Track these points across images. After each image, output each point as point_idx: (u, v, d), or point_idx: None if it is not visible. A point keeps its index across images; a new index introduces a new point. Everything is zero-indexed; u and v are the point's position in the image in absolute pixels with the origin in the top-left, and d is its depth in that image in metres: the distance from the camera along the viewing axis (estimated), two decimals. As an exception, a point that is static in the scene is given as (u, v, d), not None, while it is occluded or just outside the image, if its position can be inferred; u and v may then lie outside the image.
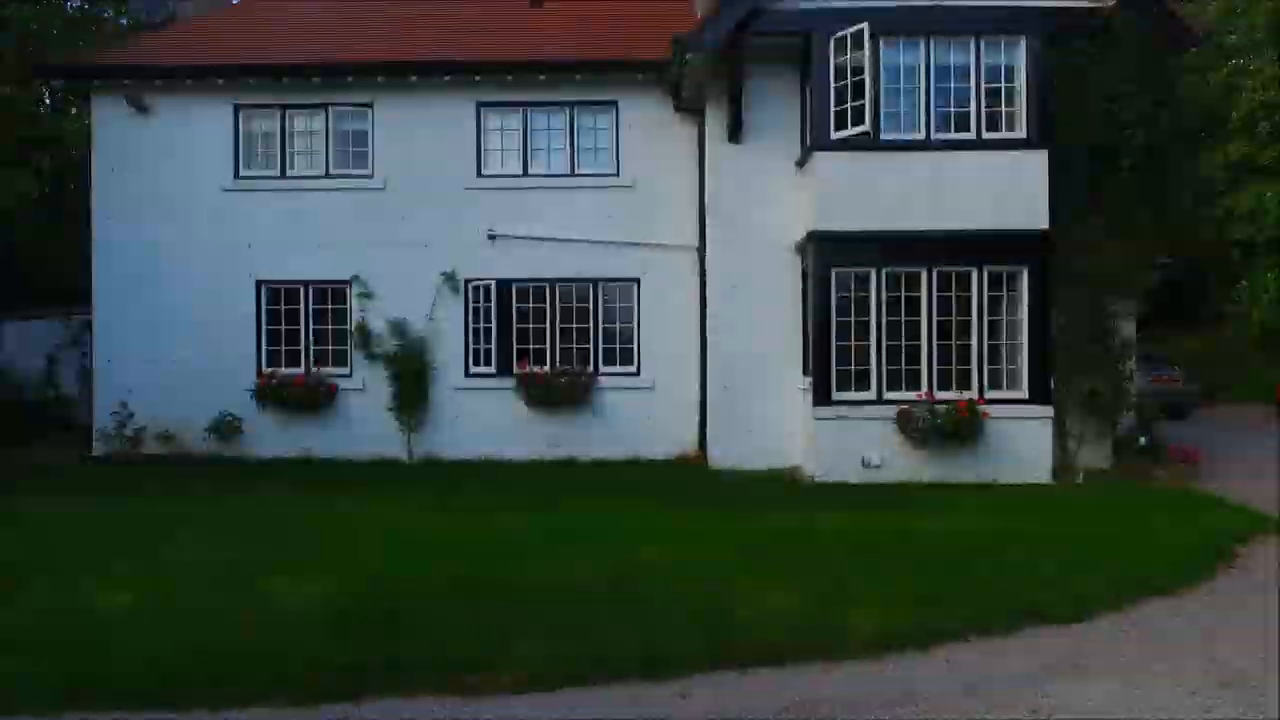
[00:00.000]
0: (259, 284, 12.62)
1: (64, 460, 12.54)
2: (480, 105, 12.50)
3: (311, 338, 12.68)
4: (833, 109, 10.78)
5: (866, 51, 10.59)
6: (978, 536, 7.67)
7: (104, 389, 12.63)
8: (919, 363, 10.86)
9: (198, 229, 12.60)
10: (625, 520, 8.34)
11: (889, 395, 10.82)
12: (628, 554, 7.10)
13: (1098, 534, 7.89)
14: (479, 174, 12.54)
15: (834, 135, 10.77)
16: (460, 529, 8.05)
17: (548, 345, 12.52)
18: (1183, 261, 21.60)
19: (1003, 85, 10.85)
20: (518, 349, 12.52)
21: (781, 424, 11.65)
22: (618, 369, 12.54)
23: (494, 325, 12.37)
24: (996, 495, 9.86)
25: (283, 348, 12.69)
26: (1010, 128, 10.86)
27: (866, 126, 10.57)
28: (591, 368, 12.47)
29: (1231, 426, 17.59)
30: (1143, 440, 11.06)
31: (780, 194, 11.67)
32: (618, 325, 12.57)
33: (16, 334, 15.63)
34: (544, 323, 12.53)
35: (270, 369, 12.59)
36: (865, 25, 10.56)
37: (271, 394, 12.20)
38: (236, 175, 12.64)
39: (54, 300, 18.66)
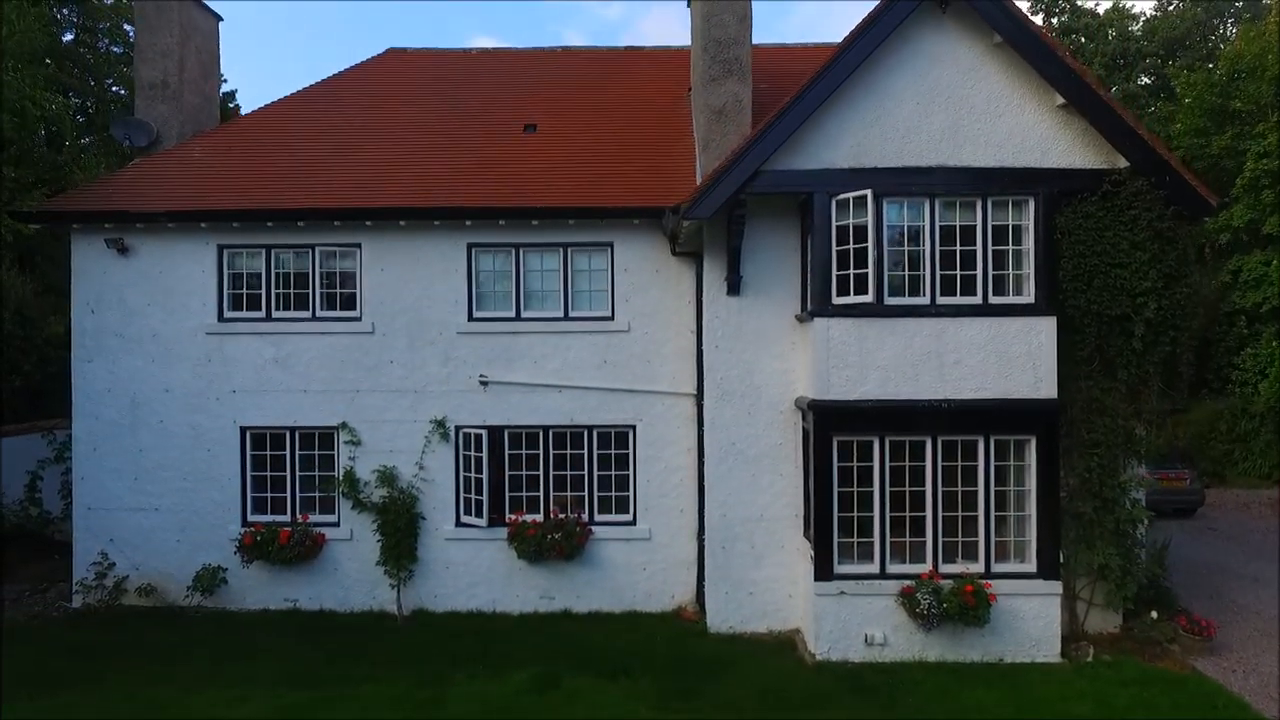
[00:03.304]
0: (243, 430, 12.25)
1: (39, 610, 12.19)
2: (472, 246, 12.15)
3: (298, 485, 12.31)
4: (835, 273, 10.45)
5: (869, 214, 10.27)
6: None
7: (84, 538, 12.26)
8: (924, 534, 10.51)
9: (181, 372, 12.24)
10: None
11: (892, 569, 10.48)
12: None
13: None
14: (470, 317, 12.18)
15: (836, 300, 10.44)
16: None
17: (541, 493, 12.17)
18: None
19: (1010, 248, 10.51)
20: (510, 497, 12.17)
21: (783, 585, 11.32)
22: (613, 517, 12.19)
23: (485, 474, 12.00)
24: (1000, 690, 9.50)
25: (268, 495, 12.32)
26: (1018, 291, 10.51)
27: (870, 297, 10.25)
28: (586, 516, 12.12)
29: (1240, 533, 17.24)
30: (1154, 614, 10.72)
31: (781, 349, 11.33)
32: (613, 473, 12.21)
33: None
34: (537, 470, 12.18)
35: (255, 517, 12.23)
36: (869, 191, 10.24)
37: (256, 550, 11.82)
38: (220, 317, 12.28)
39: (33, 412, 18.42)
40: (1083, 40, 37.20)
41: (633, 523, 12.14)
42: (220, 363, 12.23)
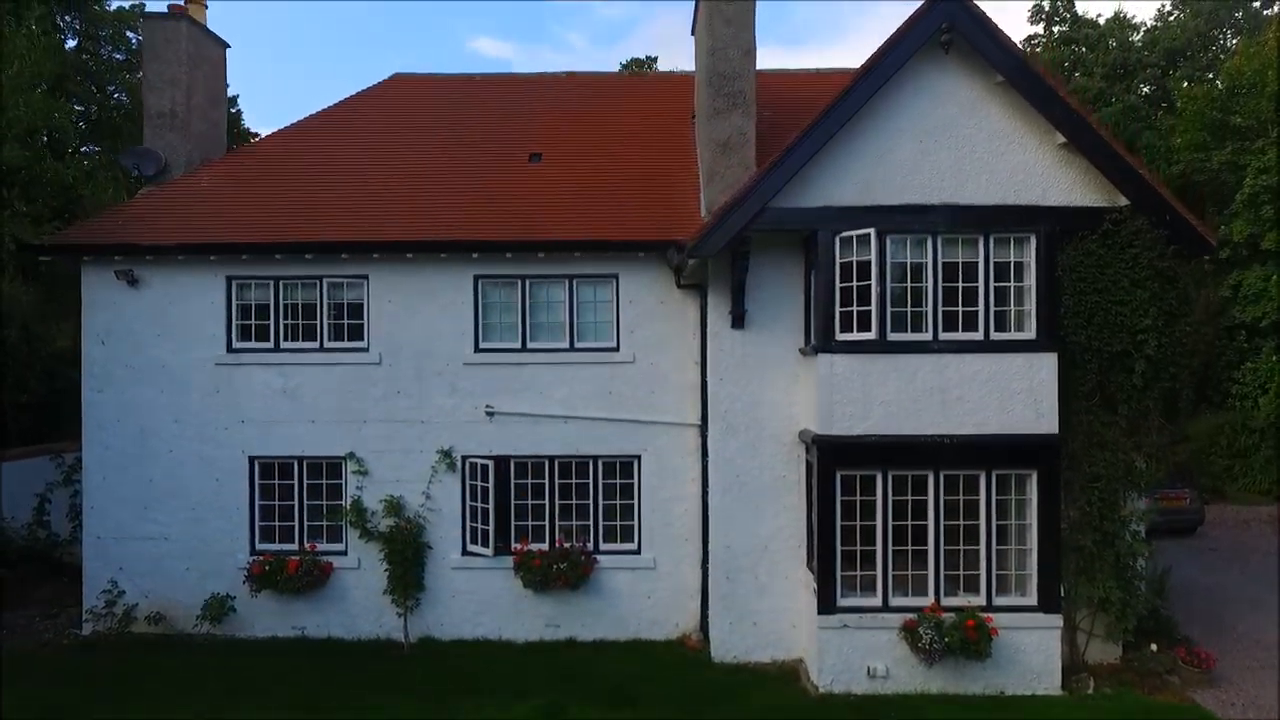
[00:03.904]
0: (252, 460, 12.36)
1: (50, 637, 12.32)
2: (478, 278, 12.27)
3: (305, 514, 12.43)
4: (838, 309, 10.57)
5: (873, 252, 10.40)
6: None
7: (94, 566, 12.38)
8: (926, 567, 10.63)
9: (190, 403, 12.36)
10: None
11: (895, 601, 10.59)
12: None
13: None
14: (477, 348, 12.29)
15: (839, 336, 10.55)
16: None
17: (546, 522, 12.29)
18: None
19: (1011, 284, 10.61)
20: (516, 526, 12.29)
21: (786, 615, 11.45)
22: (618, 546, 12.30)
23: (491, 504, 12.12)
24: (1005, 724, 9.64)
25: (276, 523, 12.44)
26: (1019, 327, 10.62)
27: (873, 334, 10.38)
28: (591, 545, 12.24)
29: (1240, 553, 17.35)
30: (1154, 647, 10.83)
31: (785, 382, 11.45)
32: (618, 502, 12.33)
33: (7, 475, 15.35)
34: (543, 499, 12.30)
35: (264, 545, 12.36)
36: (872, 230, 10.36)
37: (265, 580, 11.94)
38: (229, 348, 12.39)
39: (41, 428, 18.55)
40: (1083, 50, 37.34)
41: (637, 552, 12.26)
42: (229, 393, 12.35)
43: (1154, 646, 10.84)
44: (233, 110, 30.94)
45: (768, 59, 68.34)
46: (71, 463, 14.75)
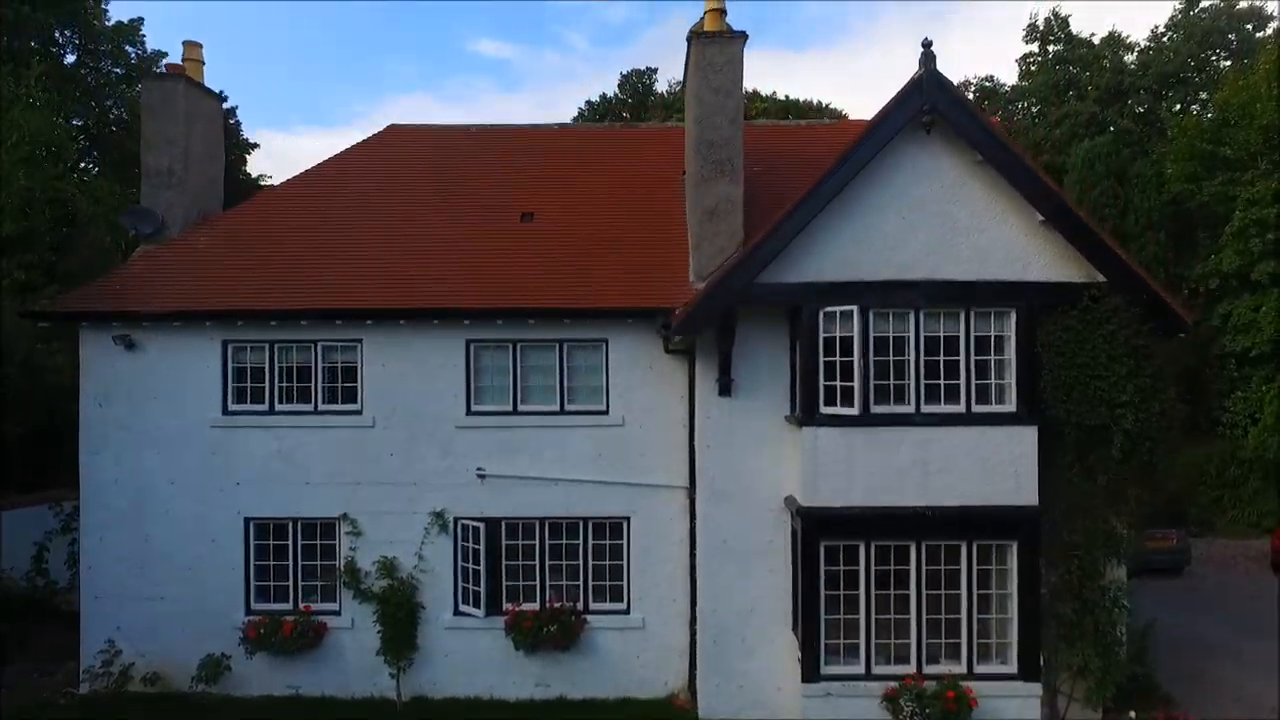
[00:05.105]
0: (247, 520, 12.56)
1: (47, 695, 12.51)
2: (470, 342, 12.47)
3: (300, 574, 12.62)
4: (822, 382, 10.77)
5: (856, 328, 10.62)
6: None
7: (91, 626, 12.56)
8: (908, 636, 10.85)
9: (186, 465, 12.56)
10: None
11: (878, 669, 10.81)
12: None
13: None
14: (469, 411, 12.50)
15: (823, 410, 10.76)
16: None
17: (537, 582, 12.48)
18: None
19: (992, 357, 10.83)
20: (507, 586, 12.49)
21: (772, 677, 11.63)
22: (608, 606, 12.50)
23: (483, 565, 12.31)
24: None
25: (271, 583, 12.64)
26: (1000, 400, 10.83)
27: (855, 410, 10.59)
28: (581, 605, 12.43)
29: (1226, 596, 17.54)
30: (1133, 714, 11.04)
31: (771, 448, 11.64)
32: (608, 562, 12.52)
33: (7, 525, 15.55)
34: (533, 559, 12.50)
35: (259, 605, 12.55)
36: (855, 307, 10.57)
37: (260, 641, 12.14)
38: (225, 411, 12.59)
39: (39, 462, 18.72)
40: (1075, 71, 37.54)
41: (627, 611, 12.46)
42: (224, 455, 12.55)
43: (1133, 714, 11.04)
44: (231, 121, 31.33)
45: (768, 60, 68.30)
46: (70, 511, 14.96)
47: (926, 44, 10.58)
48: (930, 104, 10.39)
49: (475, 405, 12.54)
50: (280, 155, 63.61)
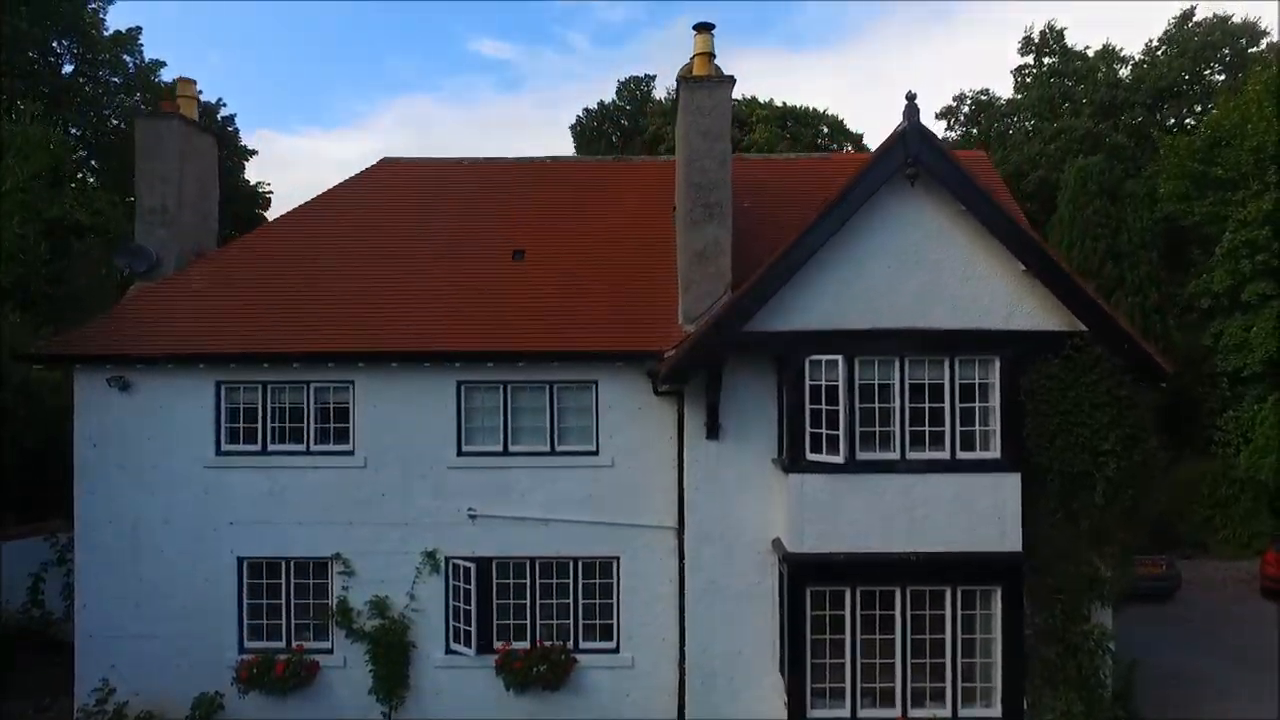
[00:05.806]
0: (240, 560, 12.67)
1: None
2: (461, 384, 12.59)
3: (293, 612, 12.74)
4: (808, 429, 10.89)
5: (841, 377, 10.76)
6: None
7: (86, 664, 12.65)
8: (893, 679, 10.98)
9: (180, 504, 12.66)
10: None
11: (863, 712, 10.95)
12: None
13: None
14: (460, 452, 12.61)
15: (809, 457, 10.88)
16: None
17: (528, 621, 12.60)
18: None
19: (976, 405, 10.95)
20: (498, 625, 12.60)
21: (761, 718, 11.75)
22: (597, 644, 12.61)
23: (474, 604, 12.44)
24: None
25: (264, 622, 12.75)
26: (985, 447, 10.96)
27: (840, 458, 10.72)
28: (571, 644, 12.55)
29: (1215, 624, 17.66)
30: (1117, 764, 11.19)
31: (759, 491, 11.78)
32: (597, 601, 12.64)
33: (4, 557, 15.66)
34: (524, 599, 12.62)
35: (252, 644, 12.66)
36: (840, 357, 10.70)
37: (253, 682, 12.26)
38: (218, 451, 12.69)
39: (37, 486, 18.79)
40: (1069, 84, 37.64)
41: (616, 650, 12.57)
42: (218, 495, 12.66)
43: (1117, 763, 11.17)
44: (229, 128, 31.65)
45: (768, 61, 68.49)
46: (65, 543, 15.09)
47: (910, 96, 10.71)
48: (914, 156, 10.51)
49: (466, 446, 12.66)
50: (281, 156, 63.80)
